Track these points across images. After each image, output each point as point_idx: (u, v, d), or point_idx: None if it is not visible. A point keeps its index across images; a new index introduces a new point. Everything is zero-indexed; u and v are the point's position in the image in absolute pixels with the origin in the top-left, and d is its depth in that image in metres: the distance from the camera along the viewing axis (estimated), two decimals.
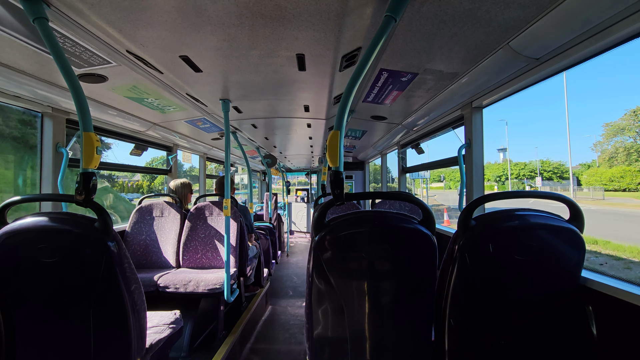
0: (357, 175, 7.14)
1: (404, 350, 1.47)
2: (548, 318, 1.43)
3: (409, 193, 1.51)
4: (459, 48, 1.62)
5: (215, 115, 3.07)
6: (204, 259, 3.11)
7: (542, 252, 1.37)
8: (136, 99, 2.40)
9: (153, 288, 2.56)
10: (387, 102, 2.61)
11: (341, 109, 1.35)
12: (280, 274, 5.78)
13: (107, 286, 1.36)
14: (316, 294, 1.40)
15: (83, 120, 1.31)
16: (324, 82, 2.17)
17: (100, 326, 1.41)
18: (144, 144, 3.58)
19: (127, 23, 1.38)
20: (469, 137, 2.45)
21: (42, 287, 1.37)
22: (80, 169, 1.31)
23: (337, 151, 1.34)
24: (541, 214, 1.41)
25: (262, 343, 3.23)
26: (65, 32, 1.44)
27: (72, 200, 1.34)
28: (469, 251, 1.37)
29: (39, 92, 2.05)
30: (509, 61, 1.65)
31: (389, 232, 1.35)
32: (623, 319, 1.32)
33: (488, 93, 2.14)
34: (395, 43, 1.60)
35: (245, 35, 1.50)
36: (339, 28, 1.45)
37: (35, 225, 1.32)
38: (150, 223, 3.15)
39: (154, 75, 2.00)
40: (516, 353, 1.45)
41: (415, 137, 3.73)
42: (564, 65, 1.61)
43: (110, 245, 1.33)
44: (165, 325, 1.81)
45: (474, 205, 1.43)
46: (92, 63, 1.76)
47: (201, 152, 5.04)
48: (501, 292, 1.42)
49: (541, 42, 1.46)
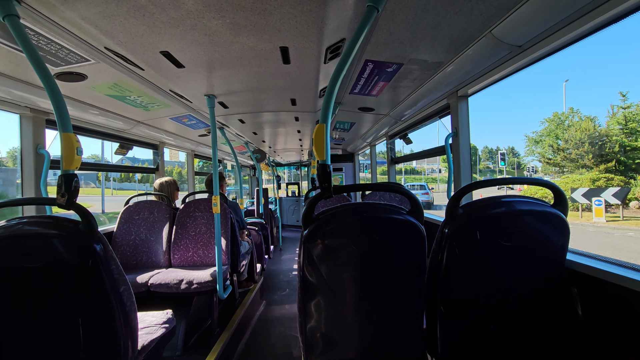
0: (347, 167, 7.14)
1: (396, 339, 1.49)
2: (535, 301, 1.47)
3: (397, 184, 1.52)
4: (443, 37, 1.62)
5: (201, 111, 3.02)
6: (195, 256, 3.08)
7: (528, 237, 1.40)
8: (118, 97, 2.35)
9: (144, 288, 2.53)
10: (374, 93, 2.60)
11: (326, 102, 1.34)
12: (273, 269, 5.79)
13: (95, 289, 1.34)
14: (307, 287, 1.40)
15: (61, 121, 1.28)
16: (310, 75, 2.15)
17: (90, 330, 1.39)
18: (128, 142, 3.51)
19: (102, 18, 1.34)
20: (456, 126, 2.47)
21: (28, 293, 1.34)
22: (61, 170, 1.28)
23: (324, 144, 1.34)
24: (527, 199, 1.44)
25: (257, 338, 3.24)
26: (39, 30, 1.39)
27: (54, 202, 1.31)
28: (457, 239, 1.39)
29: (16, 92, 1.98)
30: (492, 49, 1.66)
31: (377, 223, 1.36)
32: (606, 298, 1.37)
33: (473, 82, 2.15)
34: (379, 33, 1.59)
35: (226, 29, 1.47)
36: (322, 19, 1.43)
37: (17, 230, 1.29)
38: (139, 223, 3.10)
39: (135, 72, 1.95)
40: (505, 336, 1.49)
41: (403, 127, 3.75)
42: (547, 52, 1.63)
43: (96, 248, 1.30)
44: (158, 325, 1.80)
45: (461, 193, 1.45)
46: (70, 61, 1.71)
47: (189, 149, 4.97)
48: (489, 278, 1.45)
49: (523, 30, 1.47)
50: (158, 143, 4.04)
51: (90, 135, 2.98)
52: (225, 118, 3.38)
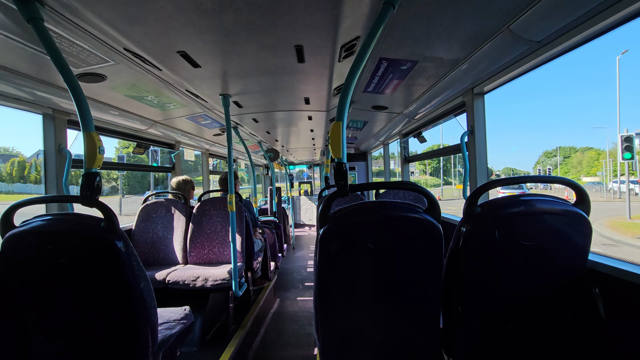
0: (359, 166, 7.11)
1: (413, 338, 1.48)
2: (555, 302, 1.44)
3: (413, 182, 1.51)
4: (459, 33, 1.60)
5: (216, 111, 3.06)
6: (211, 254, 3.13)
7: (548, 237, 1.37)
8: (136, 97, 2.40)
9: (162, 285, 2.59)
10: (387, 92, 2.58)
11: (342, 100, 1.34)
12: (287, 267, 5.82)
13: (117, 285, 1.38)
14: (323, 286, 1.40)
15: (84, 121, 1.31)
16: (324, 74, 2.15)
17: (112, 324, 1.43)
18: (146, 142, 3.58)
19: (122, 20, 1.37)
20: (471, 124, 2.43)
21: (53, 288, 1.38)
22: (84, 169, 1.32)
23: (340, 142, 1.34)
24: (547, 198, 1.40)
25: (271, 335, 3.27)
26: (61, 32, 1.43)
27: (78, 200, 1.35)
28: (474, 238, 1.37)
29: (39, 93, 2.04)
30: (510, 45, 1.63)
31: (394, 222, 1.35)
32: (630, 300, 1.32)
33: (489, 78, 2.11)
34: (394, 31, 1.58)
35: (242, 28, 1.49)
36: (337, 17, 1.43)
37: (43, 227, 1.33)
38: (156, 221, 3.17)
39: (152, 73, 1.99)
40: (524, 338, 1.46)
41: (417, 125, 3.71)
42: (567, 47, 1.58)
43: (118, 244, 1.34)
44: (176, 321, 1.83)
45: (479, 192, 1.42)
46: (90, 62, 1.75)
47: (203, 149, 5.04)
48: (508, 278, 1.42)
49: (542, 25, 1.43)
50: (174, 142, 4.11)
51: (110, 135, 3.06)
52: (239, 117, 3.41)
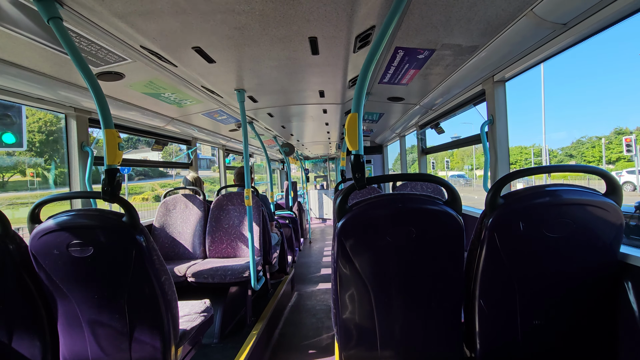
0: (375, 159, 7.04)
1: (433, 332, 1.45)
2: (583, 296, 1.38)
3: (432, 175, 1.47)
4: (479, 19, 1.53)
5: (231, 106, 3.07)
6: (229, 248, 3.17)
7: (576, 228, 1.31)
8: (153, 95, 2.43)
9: (182, 279, 2.64)
10: (403, 82, 2.52)
11: (358, 91, 1.31)
12: (304, 261, 5.86)
13: (139, 278, 1.41)
14: (342, 279, 1.39)
15: (104, 118, 1.34)
16: (338, 65, 2.11)
17: (136, 316, 1.46)
18: (164, 139, 3.65)
19: (138, 17, 1.38)
20: (492, 113, 2.35)
21: (79, 281, 1.43)
22: (105, 165, 1.34)
23: (357, 134, 1.31)
24: (575, 188, 1.34)
25: (290, 328, 3.30)
26: (79, 31, 1.45)
27: (100, 196, 1.38)
28: (498, 230, 1.33)
29: (61, 93, 2.10)
30: (533, 29, 1.55)
31: (414, 214, 1.32)
32: None
33: (511, 65, 2.03)
34: (410, 18, 1.53)
35: (255, 21, 1.47)
36: (351, 6, 1.39)
37: (68, 222, 1.37)
38: (175, 216, 3.24)
39: (168, 69, 2.01)
40: (550, 333, 1.41)
41: (434, 116, 3.62)
42: (595, 29, 1.49)
43: (139, 239, 1.37)
44: (197, 313, 1.87)
45: (502, 182, 1.37)
46: (108, 61, 1.78)
47: (220, 144, 5.10)
48: (533, 271, 1.37)
49: (570, 5, 1.35)
50: (191, 139, 4.17)
51: (128, 132, 3.13)
52: (254, 112, 3.42)
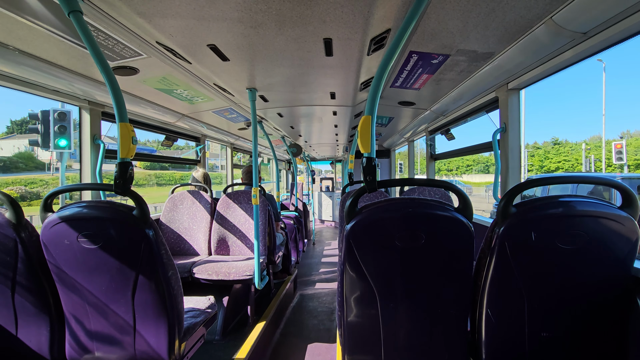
0: (383, 163, 7.02)
1: (438, 340, 1.44)
2: (594, 310, 1.35)
3: (444, 180, 1.46)
4: (497, 25, 1.52)
5: (242, 105, 3.08)
6: (234, 246, 3.18)
7: (589, 241, 1.28)
8: (166, 90, 2.45)
9: (187, 275, 2.65)
10: (415, 87, 2.51)
11: (373, 94, 1.31)
12: (307, 262, 5.85)
13: (147, 272, 1.42)
14: (348, 282, 1.38)
15: (119, 111, 1.35)
16: (351, 67, 2.11)
17: (142, 310, 1.47)
18: (174, 135, 3.67)
19: (156, 13, 1.39)
20: (505, 121, 2.33)
21: (87, 272, 1.44)
22: (118, 158, 1.35)
23: (369, 137, 1.31)
24: (589, 200, 1.32)
25: (291, 328, 3.30)
26: (98, 25, 1.47)
27: (111, 189, 1.39)
28: (508, 239, 1.31)
29: (77, 86, 2.13)
30: (552, 37, 1.53)
31: (424, 219, 1.31)
32: None
33: (526, 73, 2.01)
34: (427, 23, 1.52)
35: (272, 21, 1.48)
36: (369, 8, 1.39)
37: (79, 213, 1.39)
38: (182, 212, 3.25)
39: (182, 66, 2.02)
40: (558, 345, 1.38)
41: (445, 122, 3.60)
42: (616, 38, 1.47)
43: (149, 233, 1.37)
44: (201, 310, 1.87)
45: (515, 191, 1.36)
46: (124, 55, 1.80)
47: (228, 142, 5.12)
48: (543, 282, 1.35)
49: (591, 14, 1.33)
50: (200, 136, 4.19)
51: (139, 127, 3.15)
52: (264, 112, 3.43)
